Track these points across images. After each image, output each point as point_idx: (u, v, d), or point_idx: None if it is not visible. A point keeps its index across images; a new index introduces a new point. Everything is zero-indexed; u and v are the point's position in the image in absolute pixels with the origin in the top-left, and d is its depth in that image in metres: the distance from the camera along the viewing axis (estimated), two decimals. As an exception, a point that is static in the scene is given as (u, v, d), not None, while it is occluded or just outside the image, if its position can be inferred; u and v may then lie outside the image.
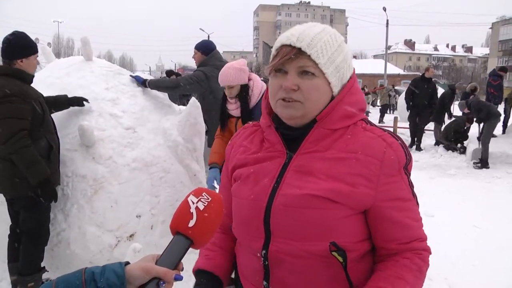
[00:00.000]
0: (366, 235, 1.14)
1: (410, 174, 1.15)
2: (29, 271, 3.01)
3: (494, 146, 9.03)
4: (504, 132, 11.39)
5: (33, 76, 3.08)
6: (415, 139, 10.28)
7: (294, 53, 1.07)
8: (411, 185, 1.15)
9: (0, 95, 2.80)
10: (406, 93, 10.40)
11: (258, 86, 3.15)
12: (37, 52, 3.12)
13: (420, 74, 10.39)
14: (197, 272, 1.29)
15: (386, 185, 1.08)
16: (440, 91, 12.27)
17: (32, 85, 3.07)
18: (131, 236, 3.37)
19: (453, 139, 9.86)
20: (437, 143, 10.55)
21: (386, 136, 1.12)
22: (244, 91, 3.10)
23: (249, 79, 3.13)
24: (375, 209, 1.10)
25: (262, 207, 1.12)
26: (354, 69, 1.21)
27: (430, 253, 1.16)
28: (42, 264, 3.14)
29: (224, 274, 1.29)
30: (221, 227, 1.24)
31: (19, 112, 2.83)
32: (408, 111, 10.41)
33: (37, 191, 2.90)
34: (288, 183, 1.11)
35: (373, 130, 1.14)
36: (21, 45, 3.01)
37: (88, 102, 3.46)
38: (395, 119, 10.30)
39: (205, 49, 4.30)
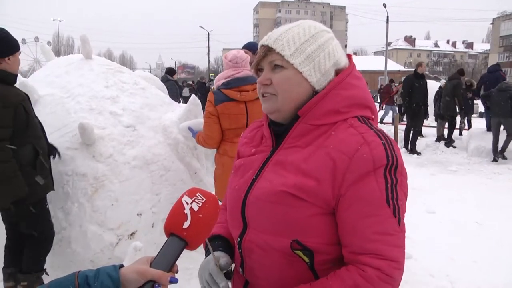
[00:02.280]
0: None
1: (396, 181, 1.02)
2: (28, 270, 2.97)
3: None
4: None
5: (16, 76, 2.86)
6: (409, 141, 9.60)
7: (264, 50, 1.13)
8: (390, 192, 1.00)
9: None
10: (402, 94, 9.77)
11: (216, 80, 3.27)
12: (19, 48, 2.91)
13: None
14: (210, 238, 1.29)
15: (351, 185, 1.00)
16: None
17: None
18: (132, 234, 3.37)
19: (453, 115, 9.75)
20: (438, 139, 10.53)
21: (368, 134, 1.04)
22: None
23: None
24: (336, 209, 1.03)
25: (241, 198, 1.16)
26: (351, 64, 1.18)
27: (389, 278, 0.98)
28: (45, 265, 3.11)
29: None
30: None
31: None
32: (403, 113, 10.15)
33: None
34: (264, 177, 1.13)
35: (359, 127, 1.07)
36: (10, 41, 2.79)
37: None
38: (397, 116, 10.25)
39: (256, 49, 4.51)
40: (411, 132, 9.56)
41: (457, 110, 10.24)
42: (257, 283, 1.18)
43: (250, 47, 4.48)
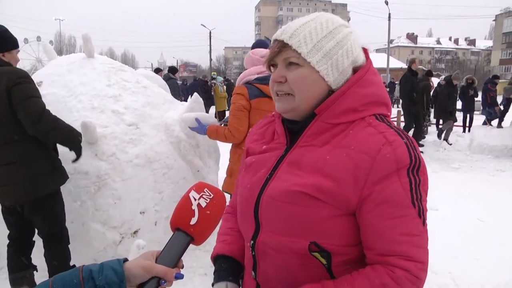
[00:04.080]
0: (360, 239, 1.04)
1: (419, 180, 1.00)
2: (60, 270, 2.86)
3: (497, 139, 9.00)
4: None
5: None
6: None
7: (279, 46, 1.07)
8: (414, 192, 0.99)
9: (23, 74, 2.65)
10: (405, 93, 9.26)
11: (242, 76, 3.23)
12: (18, 47, 2.90)
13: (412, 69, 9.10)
14: (217, 257, 1.27)
15: (375, 186, 0.97)
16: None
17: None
18: (135, 232, 3.38)
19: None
20: (439, 136, 10.49)
21: (389, 133, 1.01)
22: None
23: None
24: (359, 211, 1.00)
25: (254, 197, 1.12)
26: (368, 60, 1.14)
27: (416, 279, 0.97)
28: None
29: (243, 258, 1.26)
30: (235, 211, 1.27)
31: (39, 92, 2.72)
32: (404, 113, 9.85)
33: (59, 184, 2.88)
34: (279, 176, 1.09)
35: (378, 126, 1.03)
36: (5, 37, 2.76)
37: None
38: (399, 112, 10.23)
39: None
40: (412, 130, 9.47)
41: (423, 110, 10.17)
42: (271, 286, 1.13)
43: (262, 46, 4.42)
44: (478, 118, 12.70)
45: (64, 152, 3.23)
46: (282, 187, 1.06)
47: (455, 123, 10.62)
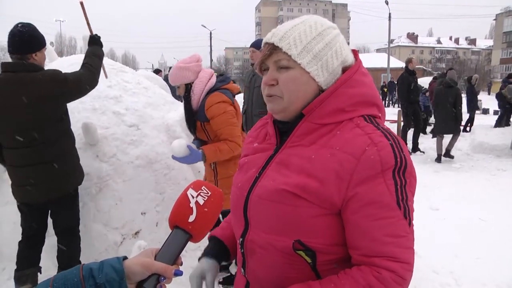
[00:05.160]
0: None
1: (405, 182, 1.00)
2: (71, 264, 2.79)
3: (498, 138, 8.99)
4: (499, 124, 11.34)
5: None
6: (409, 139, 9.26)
7: (270, 48, 1.09)
8: (400, 194, 0.99)
9: (60, 73, 2.71)
10: (402, 93, 9.15)
11: (200, 86, 2.90)
12: (46, 44, 2.86)
13: (413, 70, 9.05)
14: (210, 238, 1.35)
15: (359, 187, 0.98)
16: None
17: None
18: (136, 233, 3.38)
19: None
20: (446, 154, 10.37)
21: (375, 134, 1.01)
22: (187, 91, 2.91)
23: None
24: (343, 212, 1.01)
25: (243, 195, 1.14)
26: (358, 60, 1.14)
27: (402, 280, 0.97)
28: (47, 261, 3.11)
29: (233, 246, 1.30)
30: None
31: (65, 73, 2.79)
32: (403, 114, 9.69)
33: None
34: (267, 175, 1.11)
35: (366, 127, 1.04)
36: (36, 37, 2.72)
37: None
38: (399, 112, 10.21)
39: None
40: (413, 130, 9.46)
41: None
42: (259, 284, 1.15)
43: (258, 45, 4.38)
44: (479, 118, 12.69)
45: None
46: (270, 186, 1.07)
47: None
